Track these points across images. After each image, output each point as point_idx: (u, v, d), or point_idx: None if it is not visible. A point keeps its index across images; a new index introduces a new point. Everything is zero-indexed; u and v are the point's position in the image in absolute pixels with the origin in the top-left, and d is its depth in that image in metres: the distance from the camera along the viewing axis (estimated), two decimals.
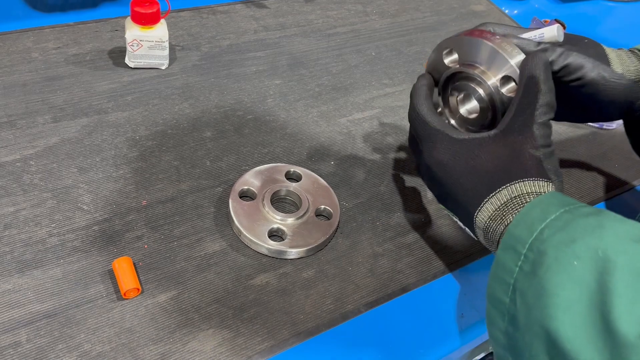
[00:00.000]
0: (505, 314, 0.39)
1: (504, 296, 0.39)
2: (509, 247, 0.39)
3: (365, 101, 0.71)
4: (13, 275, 0.47)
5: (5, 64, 0.65)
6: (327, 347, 0.47)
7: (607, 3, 1.07)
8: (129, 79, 0.67)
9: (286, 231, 0.53)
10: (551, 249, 0.36)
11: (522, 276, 0.37)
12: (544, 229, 0.37)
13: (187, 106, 0.65)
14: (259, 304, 0.48)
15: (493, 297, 0.40)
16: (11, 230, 0.50)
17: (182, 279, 0.49)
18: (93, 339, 0.44)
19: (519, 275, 0.38)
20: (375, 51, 0.80)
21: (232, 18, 0.80)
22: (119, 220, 0.52)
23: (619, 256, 0.33)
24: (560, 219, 0.37)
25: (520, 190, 0.41)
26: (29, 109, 0.60)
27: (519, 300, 0.37)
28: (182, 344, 0.45)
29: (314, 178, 0.58)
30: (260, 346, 0.46)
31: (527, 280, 0.37)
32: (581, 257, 0.34)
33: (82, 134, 0.59)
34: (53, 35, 0.70)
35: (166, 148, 0.60)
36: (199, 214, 0.54)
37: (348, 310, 0.49)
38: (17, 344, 0.43)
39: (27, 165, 0.55)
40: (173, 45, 0.72)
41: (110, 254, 0.49)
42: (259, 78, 0.71)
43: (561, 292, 0.34)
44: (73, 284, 0.47)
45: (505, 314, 0.39)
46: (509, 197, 0.41)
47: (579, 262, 0.34)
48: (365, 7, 0.89)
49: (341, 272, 0.52)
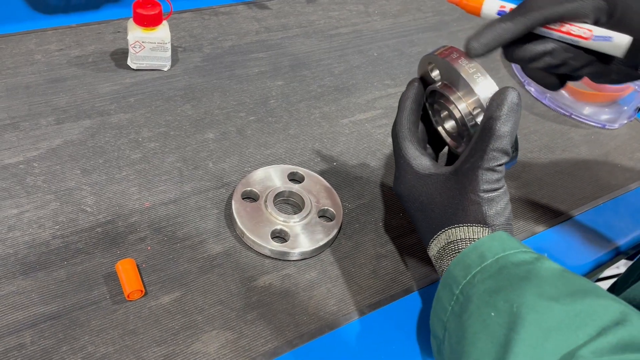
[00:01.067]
0: (438, 349, 0.41)
1: (440, 332, 0.40)
2: (446, 285, 0.40)
3: (367, 102, 0.71)
4: (17, 277, 0.47)
5: (8, 65, 0.65)
6: (331, 349, 0.47)
7: None
8: (131, 81, 0.67)
9: (289, 232, 0.53)
10: (476, 297, 0.37)
11: (452, 317, 0.38)
12: (477, 273, 0.38)
13: (189, 107, 0.65)
14: (262, 306, 0.48)
15: (432, 329, 0.42)
16: (15, 232, 0.50)
17: (185, 281, 0.49)
18: (97, 341, 0.44)
19: (450, 315, 0.39)
20: (377, 52, 0.80)
21: (234, 19, 0.80)
22: (122, 222, 0.52)
23: (529, 314, 0.34)
24: (493, 265, 0.38)
25: (455, 235, 0.42)
26: (32, 110, 0.60)
27: (446, 340, 0.39)
28: (186, 345, 0.45)
29: (317, 179, 0.58)
30: (264, 347, 0.46)
31: (455, 322, 0.38)
32: (499, 309, 0.35)
33: (85, 135, 0.59)
34: (55, 37, 0.70)
35: (169, 149, 0.60)
36: (202, 216, 0.54)
37: (351, 311, 0.50)
38: (21, 345, 0.43)
39: (30, 167, 0.55)
40: (175, 47, 0.72)
41: (114, 256, 0.50)
42: (261, 79, 0.71)
43: (477, 342, 0.35)
44: (77, 286, 0.47)
45: (438, 348, 0.41)
46: (446, 242, 0.42)
47: (495, 315, 0.35)
48: (367, 7, 0.89)
49: (344, 273, 0.52)
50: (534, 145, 0.71)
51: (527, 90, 0.80)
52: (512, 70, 0.83)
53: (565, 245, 0.60)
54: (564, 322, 0.33)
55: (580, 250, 0.60)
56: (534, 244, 0.59)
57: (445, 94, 0.47)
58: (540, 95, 0.79)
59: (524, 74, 0.50)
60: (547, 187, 0.66)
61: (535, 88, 0.79)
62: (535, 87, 0.79)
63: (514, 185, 0.65)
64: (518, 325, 0.33)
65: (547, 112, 0.77)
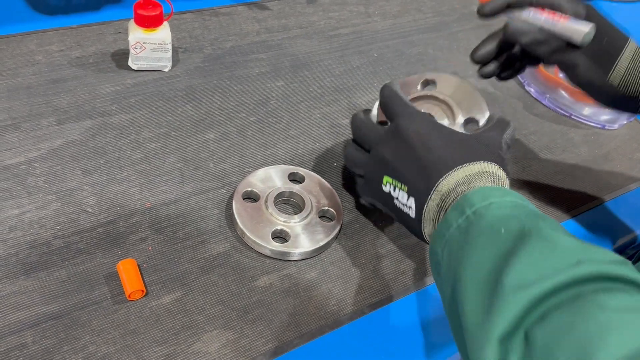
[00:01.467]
0: (435, 266, 0.43)
1: (438, 248, 0.42)
2: (458, 207, 0.41)
3: (367, 102, 0.71)
4: (19, 277, 0.47)
5: (9, 66, 0.65)
6: (331, 349, 0.47)
7: (609, 3, 1.07)
8: (132, 82, 0.67)
9: (289, 233, 0.53)
10: (489, 216, 0.40)
11: (457, 231, 0.41)
12: (495, 202, 0.40)
13: (190, 108, 0.65)
14: (262, 306, 0.49)
15: (432, 249, 0.43)
16: (16, 232, 0.50)
17: (186, 281, 0.49)
18: (98, 341, 0.44)
19: (454, 230, 0.41)
20: (377, 52, 0.80)
21: (234, 20, 0.80)
22: (123, 222, 0.52)
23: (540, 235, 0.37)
24: (513, 203, 0.41)
25: (490, 168, 0.44)
26: (33, 111, 0.61)
27: (446, 253, 0.41)
28: (187, 345, 0.45)
29: (317, 179, 0.58)
30: (265, 347, 0.46)
31: (458, 234, 0.41)
32: (510, 229, 0.38)
33: (86, 136, 0.59)
34: (56, 37, 0.70)
35: (170, 150, 0.60)
36: (203, 216, 0.54)
37: (351, 311, 0.50)
38: (23, 345, 0.43)
39: (31, 168, 0.55)
40: (176, 48, 0.73)
41: (115, 256, 0.50)
42: (261, 80, 0.71)
43: (480, 250, 0.38)
44: (78, 286, 0.47)
45: (435, 265, 0.43)
46: (481, 170, 0.44)
47: (505, 232, 0.38)
48: (367, 8, 0.89)
49: (344, 273, 0.52)
50: (534, 146, 0.71)
51: (527, 90, 0.80)
52: None
53: None
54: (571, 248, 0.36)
55: None
56: None
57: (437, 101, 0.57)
58: (540, 95, 0.79)
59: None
60: (547, 187, 0.66)
61: (535, 89, 0.79)
62: (535, 88, 0.79)
63: (513, 185, 0.65)
64: (526, 241, 0.36)
65: (546, 113, 0.77)
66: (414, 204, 0.45)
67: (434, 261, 0.43)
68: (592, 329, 0.31)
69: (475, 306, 0.37)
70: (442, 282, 0.42)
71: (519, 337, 0.34)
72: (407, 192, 0.46)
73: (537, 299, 0.34)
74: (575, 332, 0.31)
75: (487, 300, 0.37)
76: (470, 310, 0.38)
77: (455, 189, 0.43)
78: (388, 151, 0.48)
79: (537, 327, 0.34)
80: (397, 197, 0.47)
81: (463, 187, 0.43)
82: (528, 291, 0.35)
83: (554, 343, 0.32)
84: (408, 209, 0.46)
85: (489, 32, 0.58)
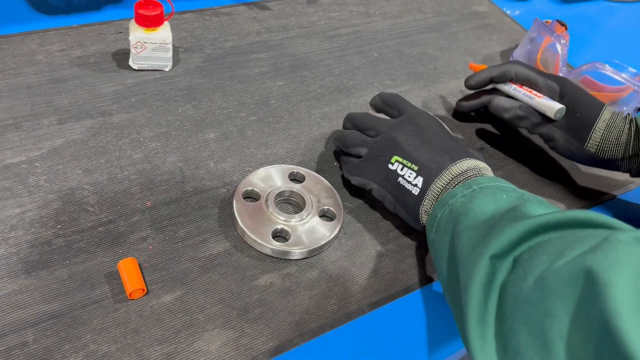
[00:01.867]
0: (434, 225, 0.49)
1: (439, 212, 0.48)
2: (466, 185, 0.48)
3: (367, 102, 0.72)
4: (20, 276, 0.47)
5: (10, 66, 0.65)
6: (331, 348, 0.47)
7: (609, 3, 1.08)
8: (132, 81, 0.67)
9: (290, 232, 0.53)
10: (494, 188, 0.47)
11: (461, 198, 0.47)
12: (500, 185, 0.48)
13: (190, 108, 0.65)
14: (263, 305, 0.49)
15: (431, 214, 0.50)
16: (17, 231, 0.50)
17: (186, 280, 0.49)
18: (99, 339, 0.44)
19: (458, 198, 0.47)
20: (377, 52, 0.80)
21: (234, 20, 0.80)
22: (123, 221, 0.52)
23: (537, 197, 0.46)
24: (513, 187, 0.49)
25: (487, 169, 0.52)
26: (34, 110, 0.61)
27: (447, 212, 0.47)
28: (187, 344, 0.45)
29: (318, 179, 0.58)
30: (265, 346, 0.46)
31: (462, 200, 0.47)
32: (511, 195, 0.46)
33: (87, 135, 0.59)
34: (57, 37, 0.70)
35: (170, 149, 0.60)
36: (203, 215, 0.54)
37: (352, 310, 0.50)
38: (24, 344, 0.43)
39: (32, 167, 0.55)
40: (176, 47, 0.73)
41: (116, 255, 0.50)
42: (261, 79, 0.71)
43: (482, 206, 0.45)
44: (79, 285, 0.47)
45: (433, 224, 0.49)
46: (484, 166, 0.52)
47: (507, 196, 0.46)
48: (368, 8, 0.89)
49: (345, 272, 0.52)
50: (534, 145, 0.71)
51: None
52: None
53: None
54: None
55: None
56: None
57: None
58: None
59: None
60: (547, 186, 0.66)
61: None
62: None
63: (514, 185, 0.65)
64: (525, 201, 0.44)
65: None
66: (422, 182, 0.51)
67: (431, 223, 0.49)
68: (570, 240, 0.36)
69: (472, 236, 0.43)
70: (439, 237, 0.47)
71: (507, 261, 0.39)
72: (416, 171, 0.51)
73: (532, 230, 0.40)
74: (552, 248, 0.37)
75: (484, 232, 0.42)
76: (467, 240, 0.43)
77: (466, 172, 0.50)
78: (402, 134, 0.54)
79: (525, 253, 0.39)
80: (404, 175, 0.52)
81: (473, 172, 0.50)
82: (525, 222, 0.40)
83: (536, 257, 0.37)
84: (412, 187, 0.51)
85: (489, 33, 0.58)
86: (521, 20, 0.95)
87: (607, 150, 0.59)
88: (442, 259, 0.46)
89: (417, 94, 0.75)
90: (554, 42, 0.77)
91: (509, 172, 0.67)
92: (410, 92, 0.75)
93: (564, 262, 0.34)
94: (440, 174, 0.50)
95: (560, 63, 0.77)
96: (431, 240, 0.49)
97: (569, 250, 0.35)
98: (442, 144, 0.53)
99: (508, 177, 0.66)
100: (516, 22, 0.94)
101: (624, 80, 0.72)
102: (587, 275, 0.32)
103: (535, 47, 0.80)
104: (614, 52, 0.92)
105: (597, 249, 0.33)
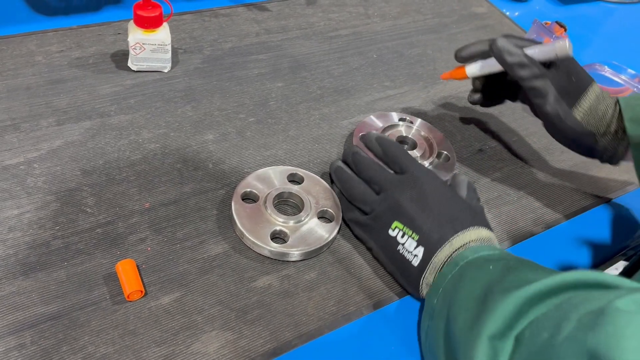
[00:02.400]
0: (430, 313, 0.47)
1: (434, 298, 0.47)
2: (454, 263, 0.47)
3: (366, 103, 0.72)
4: (17, 277, 0.47)
5: (9, 67, 0.65)
6: (330, 349, 0.47)
7: (608, 5, 1.08)
8: (131, 82, 0.67)
9: (288, 233, 0.53)
10: (479, 260, 0.46)
11: (451, 280, 0.46)
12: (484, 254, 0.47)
13: (189, 109, 0.65)
14: (261, 306, 0.49)
15: (427, 302, 0.48)
16: (15, 232, 0.50)
17: (185, 281, 0.49)
18: (97, 341, 0.44)
19: (449, 280, 0.46)
20: (376, 53, 0.80)
21: (234, 21, 0.80)
22: (122, 222, 0.52)
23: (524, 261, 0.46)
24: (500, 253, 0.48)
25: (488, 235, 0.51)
26: (32, 112, 0.61)
27: (440, 297, 0.46)
28: (186, 345, 0.45)
29: (316, 180, 0.58)
30: (263, 348, 0.46)
31: (452, 281, 0.46)
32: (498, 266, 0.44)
33: (86, 137, 0.59)
34: (56, 38, 0.70)
35: (169, 151, 0.60)
36: (202, 217, 0.54)
37: (350, 312, 0.50)
38: (21, 346, 0.43)
39: (31, 168, 0.55)
40: (175, 49, 0.73)
41: (114, 257, 0.50)
42: (261, 81, 0.71)
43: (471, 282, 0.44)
44: (77, 286, 0.47)
45: (430, 313, 0.47)
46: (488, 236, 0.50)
47: (493, 267, 0.44)
48: (367, 9, 0.89)
49: (343, 274, 0.52)
50: (533, 147, 0.71)
51: None
52: None
53: (564, 246, 0.60)
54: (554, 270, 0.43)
55: (579, 251, 0.60)
56: (533, 245, 0.59)
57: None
58: None
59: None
60: (546, 188, 0.66)
61: None
62: None
63: (513, 186, 0.65)
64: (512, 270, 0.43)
65: None
66: (422, 253, 0.49)
67: (427, 313, 0.47)
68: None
69: (467, 317, 0.41)
70: (434, 324, 0.45)
71: (509, 340, 0.37)
72: (417, 241, 0.49)
73: (526, 302, 0.38)
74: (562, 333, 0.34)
75: (478, 310, 0.40)
76: (462, 322, 0.41)
77: (467, 244, 0.48)
78: (404, 199, 0.51)
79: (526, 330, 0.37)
80: (403, 243, 0.50)
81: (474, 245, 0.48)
82: (517, 293, 0.38)
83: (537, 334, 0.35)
84: (413, 257, 0.49)
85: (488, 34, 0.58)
86: (520, 21, 0.95)
87: (592, 121, 0.57)
88: (438, 347, 0.44)
89: (416, 95, 0.75)
90: None
91: (508, 173, 0.67)
92: (410, 94, 0.75)
93: (564, 338, 0.33)
94: (442, 247, 0.48)
95: None
96: (428, 328, 0.47)
97: (566, 322, 0.34)
98: (446, 211, 0.50)
99: (507, 178, 0.66)
100: (515, 23, 0.94)
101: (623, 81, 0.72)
102: (592, 357, 0.31)
103: None
104: (613, 53, 0.92)
105: (596, 326, 0.32)
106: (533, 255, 0.58)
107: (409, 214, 0.50)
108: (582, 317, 0.33)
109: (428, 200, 0.51)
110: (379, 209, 0.52)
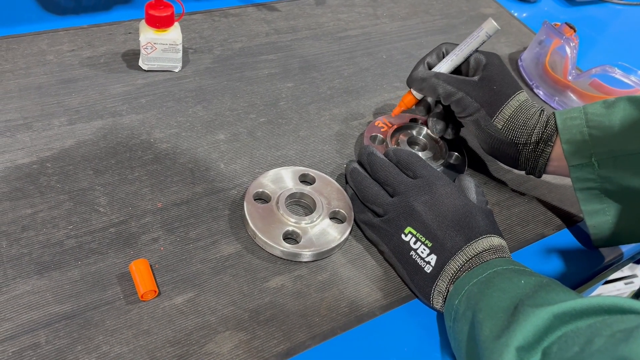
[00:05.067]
0: (452, 314, 0.47)
1: (455, 299, 0.47)
2: (482, 269, 0.47)
3: (376, 104, 0.72)
4: (32, 276, 0.47)
5: (21, 66, 0.65)
6: (343, 350, 0.47)
7: (616, 6, 1.07)
8: (142, 82, 0.67)
9: (300, 234, 0.53)
10: (510, 272, 0.46)
11: (477, 284, 0.46)
12: (516, 269, 0.47)
13: (200, 109, 0.65)
14: (274, 307, 0.49)
15: (448, 302, 0.48)
16: (29, 232, 0.50)
17: (198, 281, 0.49)
18: (111, 341, 0.44)
19: (474, 285, 0.46)
20: (386, 54, 0.80)
21: (243, 21, 0.80)
22: (135, 222, 0.53)
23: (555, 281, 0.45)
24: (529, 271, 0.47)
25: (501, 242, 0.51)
26: (44, 111, 0.61)
27: (464, 298, 0.46)
28: (199, 346, 0.45)
29: (328, 181, 0.58)
30: (277, 348, 0.46)
31: (478, 285, 0.45)
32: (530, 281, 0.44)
33: (98, 136, 0.59)
34: (67, 37, 0.70)
35: (180, 151, 0.60)
36: (214, 217, 0.54)
37: (363, 313, 0.50)
38: (36, 345, 0.43)
39: (43, 168, 0.55)
40: (186, 48, 0.73)
41: (127, 256, 0.50)
42: (271, 81, 0.71)
43: (500, 292, 0.43)
44: (91, 286, 0.47)
45: (451, 313, 0.47)
46: (499, 244, 0.50)
47: (525, 282, 0.44)
48: (376, 10, 0.89)
49: (356, 275, 0.52)
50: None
51: (536, 93, 0.80)
52: (521, 73, 0.83)
53: (574, 248, 0.60)
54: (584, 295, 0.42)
55: (589, 253, 0.60)
56: (544, 246, 0.59)
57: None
58: (549, 98, 0.79)
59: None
60: (556, 190, 0.66)
61: (544, 91, 0.79)
62: (544, 90, 0.79)
63: (522, 188, 0.65)
64: (545, 287, 0.43)
65: None
66: (435, 260, 0.49)
67: (449, 312, 0.47)
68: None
69: (494, 326, 0.40)
70: (458, 326, 0.45)
71: (536, 353, 0.37)
72: (430, 248, 0.49)
73: (558, 318, 0.38)
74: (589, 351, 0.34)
75: (507, 320, 0.40)
76: (489, 330, 0.41)
77: (481, 254, 0.48)
78: (418, 204, 0.51)
79: (554, 345, 0.36)
80: (416, 249, 0.50)
81: (488, 254, 0.49)
82: (549, 309, 0.38)
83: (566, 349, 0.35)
84: (425, 264, 0.50)
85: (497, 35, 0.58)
86: (529, 22, 0.95)
87: (512, 130, 0.57)
88: (461, 348, 0.44)
89: None
90: (563, 44, 0.77)
91: (519, 174, 0.67)
92: None
93: (595, 350, 0.33)
94: (455, 255, 0.48)
95: (569, 66, 0.77)
96: (450, 329, 0.47)
97: (599, 337, 0.34)
98: (459, 219, 0.50)
99: (518, 179, 0.66)
100: (524, 24, 0.94)
101: (633, 83, 0.72)
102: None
103: (543, 49, 0.80)
104: (621, 54, 0.92)
105: (629, 337, 0.32)
106: (543, 256, 0.58)
107: (422, 220, 0.50)
108: (615, 333, 0.33)
109: (442, 207, 0.51)
110: (392, 212, 0.52)
